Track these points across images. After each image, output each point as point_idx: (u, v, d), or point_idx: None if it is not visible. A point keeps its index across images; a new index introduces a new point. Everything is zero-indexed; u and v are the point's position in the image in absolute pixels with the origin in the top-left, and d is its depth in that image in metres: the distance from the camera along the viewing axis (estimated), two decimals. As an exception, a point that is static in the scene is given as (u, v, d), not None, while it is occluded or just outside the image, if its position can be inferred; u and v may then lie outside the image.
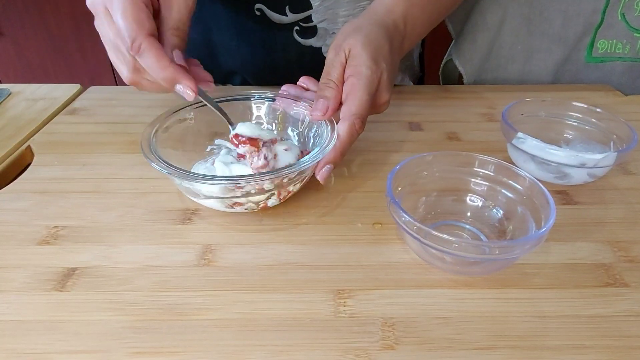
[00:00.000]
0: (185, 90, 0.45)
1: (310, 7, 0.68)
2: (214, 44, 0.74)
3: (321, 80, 0.49)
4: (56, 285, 0.39)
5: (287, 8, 0.68)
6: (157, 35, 0.44)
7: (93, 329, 0.35)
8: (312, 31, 0.70)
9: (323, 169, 0.45)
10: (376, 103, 0.50)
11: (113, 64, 0.47)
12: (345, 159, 0.48)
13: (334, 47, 0.49)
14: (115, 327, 0.35)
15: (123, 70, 0.46)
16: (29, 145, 0.59)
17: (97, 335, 0.35)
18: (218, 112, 0.50)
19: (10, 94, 0.71)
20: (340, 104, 0.48)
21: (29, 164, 0.56)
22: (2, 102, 0.69)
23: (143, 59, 0.43)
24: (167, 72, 0.43)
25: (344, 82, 0.48)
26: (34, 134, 0.61)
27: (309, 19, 0.69)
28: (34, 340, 0.34)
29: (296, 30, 0.70)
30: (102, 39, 0.46)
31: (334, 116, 0.48)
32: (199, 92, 0.46)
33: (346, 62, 0.48)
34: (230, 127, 0.50)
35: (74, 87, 0.73)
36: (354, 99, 0.46)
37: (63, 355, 0.33)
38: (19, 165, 0.57)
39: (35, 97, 0.71)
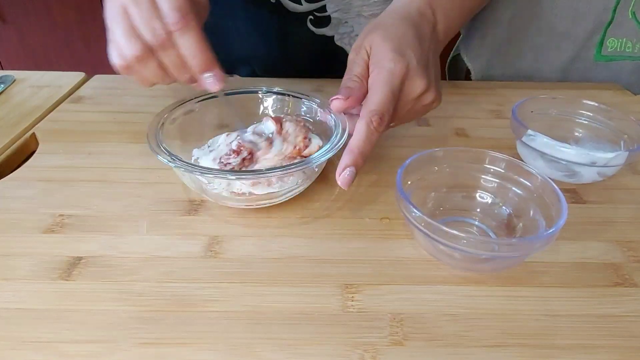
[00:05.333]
0: (216, 80, 0.43)
1: None
2: (226, 29, 0.73)
3: (345, 77, 0.46)
4: (62, 274, 0.39)
5: None
6: None
7: (99, 318, 0.35)
8: (325, 21, 0.70)
9: (343, 172, 0.41)
10: (409, 95, 0.45)
11: (120, 39, 0.41)
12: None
13: (354, 49, 0.47)
14: (121, 317, 0.35)
15: (137, 45, 0.41)
16: (33, 133, 0.58)
17: (104, 325, 0.35)
18: (233, 112, 0.49)
19: (14, 81, 0.71)
20: None
21: (34, 152, 0.55)
22: (6, 88, 0.69)
23: (186, 37, 0.40)
24: (206, 55, 0.42)
25: (368, 78, 0.45)
26: (39, 122, 0.61)
27: (323, 8, 0.69)
28: (39, 329, 0.34)
29: (310, 19, 0.70)
30: (114, 10, 0.41)
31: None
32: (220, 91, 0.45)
33: (369, 58, 0.45)
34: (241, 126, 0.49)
35: (79, 75, 0.73)
36: (373, 95, 0.43)
37: (69, 344, 0.33)
38: (24, 153, 0.57)
39: (40, 84, 0.70)
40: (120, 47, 0.41)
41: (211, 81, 0.43)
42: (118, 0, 0.41)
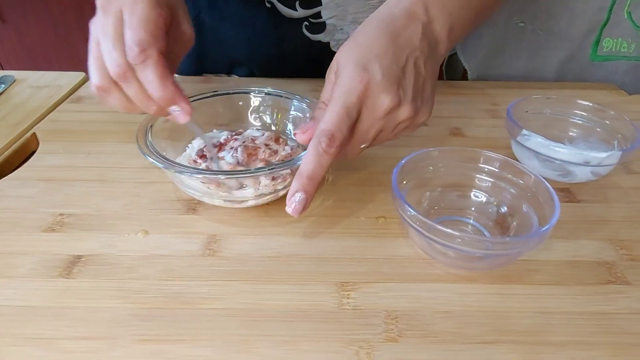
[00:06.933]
0: (182, 113, 0.43)
1: (320, 3, 0.68)
2: (223, 33, 0.74)
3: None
4: (62, 272, 0.39)
5: (297, 3, 0.68)
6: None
7: (99, 315, 0.36)
8: (321, 27, 0.71)
9: (292, 198, 0.38)
10: (373, 113, 0.40)
11: (90, 66, 0.42)
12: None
13: (330, 66, 0.43)
14: (121, 315, 0.36)
15: (98, 75, 0.42)
16: (34, 133, 0.59)
17: (104, 322, 0.35)
18: (206, 141, 0.49)
19: (14, 81, 0.71)
20: None
21: (34, 152, 0.56)
22: (6, 88, 0.69)
23: (145, 72, 0.40)
24: (168, 91, 0.41)
25: None
26: (39, 122, 0.61)
27: (318, 15, 0.69)
28: (40, 326, 0.35)
29: (305, 25, 0.70)
30: (91, 37, 0.43)
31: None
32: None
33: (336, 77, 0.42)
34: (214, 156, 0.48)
35: (79, 75, 0.73)
36: (325, 114, 0.39)
37: (70, 341, 0.34)
38: (24, 153, 0.58)
39: (40, 84, 0.71)
40: (90, 77, 0.43)
41: (177, 114, 0.43)
42: (95, 30, 0.42)
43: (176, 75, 0.83)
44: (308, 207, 0.39)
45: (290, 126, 0.54)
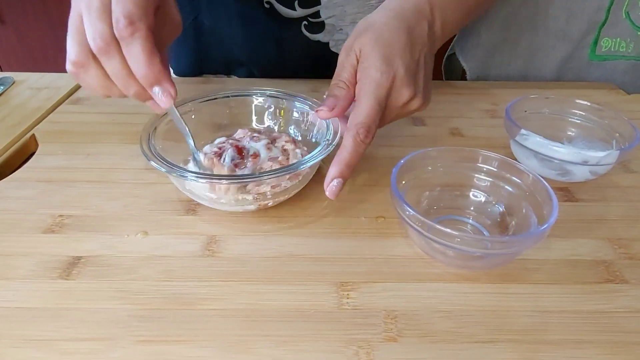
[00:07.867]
0: (165, 95, 0.40)
1: (319, 2, 0.68)
2: (222, 33, 0.74)
3: (332, 81, 0.46)
4: (62, 274, 0.39)
5: (296, 3, 0.68)
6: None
7: (99, 316, 0.36)
8: (320, 26, 0.71)
9: (332, 184, 0.42)
10: (394, 104, 0.45)
11: (69, 40, 0.39)
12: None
13: (345, 48, 0.47)
14: (121, 315, 0.36)
15: (77, 49, 0.39)
16: (33, 134, 0.59)
17: (103, 322, 0.35)
18: (183, 129, 0.46)
19: (14, 83, 0.71)
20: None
21: (33, 153, 0.56)
22: (6, 90, 0.69)
23: (132, 46, 0.37)
24: (154, 68, 0.39)
25: (356, 84, 0.46)
26: (38, 123, 0.62)
27: (317, 14, 0.69)
28: (40, 327, 0.35)
29: (304, 25, 0.71)
30: (73, 11, 0.39)
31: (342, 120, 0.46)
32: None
33: (357, 62, 0.45)
34: (192, 147, 0.47)
35: (78, 77, 0.73)
36: (360, 107, 0.43)
37: (69, 342, 0.34)
38: (23, 154, 0.58)
39: (39, 85, 0.71)
40: (68, 52, 0.39)
41: (159, 96, 0.41)
42: (78, 4, 0.39)
43: (175, 76, 0.83)
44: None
45: (293, 128, 0.54)
